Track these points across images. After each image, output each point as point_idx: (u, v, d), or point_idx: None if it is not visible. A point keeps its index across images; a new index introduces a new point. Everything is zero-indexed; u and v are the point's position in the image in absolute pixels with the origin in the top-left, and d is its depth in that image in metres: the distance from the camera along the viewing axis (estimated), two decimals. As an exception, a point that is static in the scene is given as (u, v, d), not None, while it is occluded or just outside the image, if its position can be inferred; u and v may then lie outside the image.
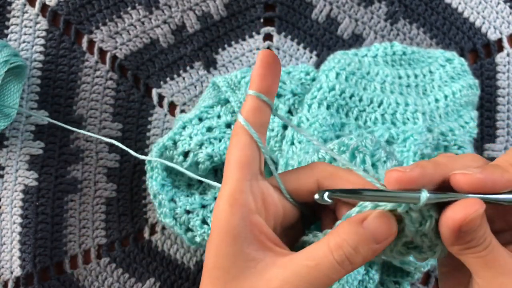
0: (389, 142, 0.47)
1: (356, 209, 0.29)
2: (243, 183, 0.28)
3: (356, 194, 0.27)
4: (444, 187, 0.27)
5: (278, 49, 0.59)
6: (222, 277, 0.27)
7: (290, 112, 0.50)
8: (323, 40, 0.59)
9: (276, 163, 0.49)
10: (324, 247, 0.27)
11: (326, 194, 0.28)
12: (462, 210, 0.25)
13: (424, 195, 0.26)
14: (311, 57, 0.59)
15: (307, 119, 0.47)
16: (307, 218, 0.34)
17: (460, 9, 0.60)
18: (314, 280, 0.27)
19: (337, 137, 0.48)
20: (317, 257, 0.27)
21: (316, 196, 0.28)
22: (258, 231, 0.28)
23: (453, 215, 0.25)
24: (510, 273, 0.26)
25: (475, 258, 0.27)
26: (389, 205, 0.27)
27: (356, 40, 0.59)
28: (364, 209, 0.28)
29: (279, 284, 0.27)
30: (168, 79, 0.58)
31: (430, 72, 0.53)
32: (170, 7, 0.58)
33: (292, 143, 0.47)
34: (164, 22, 0.58)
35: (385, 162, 0.31)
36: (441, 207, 0.27)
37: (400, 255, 0.30)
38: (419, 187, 0.26)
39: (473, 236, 0.26)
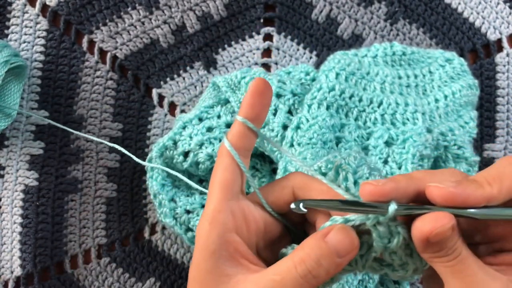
0: (388, 143, 0.48)
1: (328, 223, 0.29)
2: (223, 203, 0.30)
3: (328, 203, 0.29)
4: (420, 201, 0.28)
5: (278, 49, 0.59)
6: None
7: (290, 112, 0.50)
8: (323, 40, 0.59)
9: (275, 163, 0.49)
10: (289, 261, 0.28)
11: (301, 204, 0.30)
12: (430, 223, 0.26)
13: (392, 207, 0.27)
14: (311, 57, 0.59)
15: (307, 120, 0.47)
16: (296, 233, 0.35)
17: (460, 9, 0.60)
18: None
19: (337, 138, 0.48)
20: (282, 271, 0.28)
21: (292, 206, 0.30)
22: (233, 249, 0.30)
23: (421, 227, 0.26)
24: (478, 284, 0.27)
25: (444, 267, 0.27)
26: (358, 220, 0.28)
27: (356, 40, 0.59)
28: (335, 223, 0.29)
29: None
30: (168, 79, 0.58)
31: (430, 72, 0.53)
32: (170, 7, 0.58)
33: (292, 145, 0.47)
34: (164, 22, 0.58)
35: (367, 178, 0.32)
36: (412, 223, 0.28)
37: (374, 271, 0.30)
38: (391, 200, 0.27)
39: (442, 247, 0.27)
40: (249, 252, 0.31)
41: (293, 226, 0.34)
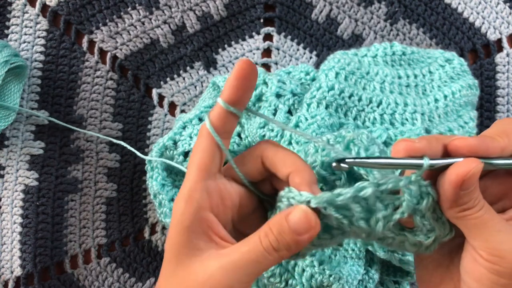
0: (386, 143, 0.48)
1: (365, 184, 0.30)
2: (199, 183, 0.32)
3: (368, 161, 0.30)
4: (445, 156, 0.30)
5: (278, 49, 0.59)
6: (174, 260, 0.32)
7: (290, 112, 0.50)
8: (323, 40, 0.59)
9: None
10: (256, 235, 0.30)
11: (342, 164, 0.31)
12: (465, 166, 0.28)
13: (427, 160, 0.29)
14: (311, 57, 0.59)
15: (306, 119, 0.47)
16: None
17: (459, 9, 0.60)
18: (244, 265, 0.30)
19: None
20: (249, 243, 0.30)
21: (334, 164, 0.31)
22: (206, 226, 0.31)
23: (456, 170, 0.28)
24: (505, 230, 0.29)
25: (472, 219, 0.29)
26: (390, 183, 0.29)
27: (356, 40, 0.59)
28: (372, 187, 0.30)
29: (215, 270, 0.30)
30: (168, 79, 0.58)
31: (430, 72, 0.53)
32: (170, 7, 0.58)
33: (290, 143, 0.47)
34: (164, 22, 0.58)
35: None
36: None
37: (392, 234, 0.31)
38: (423, 155, 0.29)
39: (471, 196, 0.29)
40: (222, 229, 0.32)
41: (267, 196, 0.36)
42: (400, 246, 0.32)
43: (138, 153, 0.53)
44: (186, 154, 0.49)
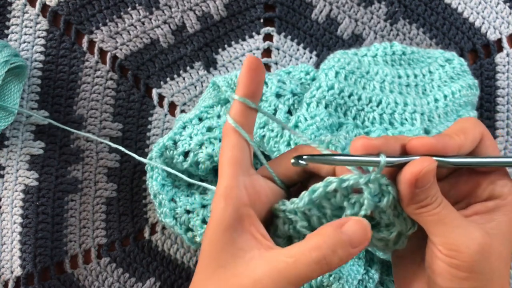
0: None
1: (321, 183, 0.31)
2: (235, 179, 0.31)
3: (325, 158, 0.31)
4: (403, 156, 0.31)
5: (278, 49, 0.59)
6: (214, 262, 0.30)
7: (289, 112, 0.50)
8: (323, 40, 0.59)
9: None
10: (303, 246, 0.30)
11: (301, 160, 0.32)
12: (418, 165, 0.29)
13: (383, 158, 0.30)
14: (311, 57, 0.59)
15: (305, 119, 0.47)
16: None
17: (459, 9, 0.60)
18: (291, 276, 0.29)
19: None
20: (296, 254, 0.29)
21: (292, 161, 0.32)
22: (248, 223, 0.31)
23: (410, 169, 0.29)
24: (462, 225, 0.30)
25: (430, 216, 0.30)
26: (352, 179, 0.30)
27: (356, 40, 0.59)
28: (329, 184, 0.31)
29: (260, 276, 0.29)
30: (168, 79, 0.58)
31: (430, 72, 0.53)
32: (170, 7, 0.58)
33: (289, 144, 0.47)
34: (164, 22, 0.58)
35: None
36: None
37: None
38: (380, 152, 0.30)
39: (427, 194, 0.30)
40: (261, 226, 0.32)
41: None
42: (371, 244, 0.33)
43: (137, 157, 0.52)
44: (186, 154, 0.49)
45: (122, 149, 0.54)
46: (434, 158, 0.30)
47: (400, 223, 0.32)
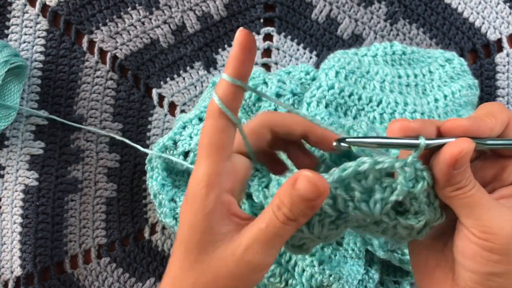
0: None
1: (353, 163, 0.31)
2: (220, 166, 0.31)
3: (368, 141, 0.31)
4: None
5: (278, 49, 0.59)
6: (194, 249, 0.31)
7: (289, 112, 0.50)
8: (323, 40, 0.59)
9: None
10: (269, 209, 0.30)
11: (342, 144, 0.32)
12: (458, 146, 0.29)
13: (423, 140, 0.29)
14: (311, 57, 0.59)
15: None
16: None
17: (460, 9, 0.60)
18: (268, 240, 0.30)
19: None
20: (265, 219, 0.30)
21: (334, 144, 0.32)
22: (226, 209, 0.31)
23: (450, 150, 0.29)
24: (495, 207, 0.30)
25: (465, 198, 0.30)
26: (387, 162, 0.30)
27: (356, 40, 0.59)
28: (361, 165, 0.30)
29: (242, 251, 0.30)
30: (168, 79, 0.58)
31: (430, 72, 0.53)
32: (170, 7, 0.58)
33: None
34: (164, 22, 0.58)
35: None
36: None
37: (387, 218, 0.31)
38: (419, 135, 0.30)
39: (463, 175, 0.29)
40: (239, 210, 0.32)
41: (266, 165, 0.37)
42: (393, 232, 0.33)
43: (139, 147, 0.53)
44: (186, 154, 0.49)
45: (127, 141, 0.54)
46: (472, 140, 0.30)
47: (430, 212, 0.31)
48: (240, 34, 0.31)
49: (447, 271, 0.33)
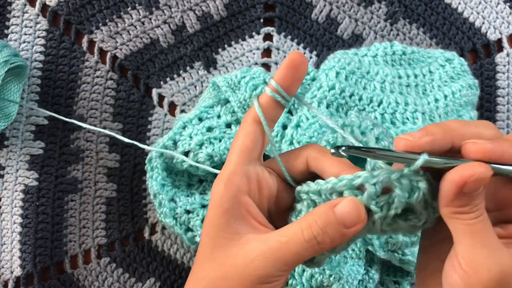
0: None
1: (350, 176, 0.30)
2: (239, 167, 0.32)
3: (367, 151, 0.30)
4: (453, 151, 0.29)
5: (278, 49, 0.59)
6: (211, 244, 0.32)
7: (290, 112, 0.50)
8: (323, 40, 0.59)
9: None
10: (297, 225, 0.30)
11: (341, 149, 0.30)
12: (471, 169, 0.26)
13: (423, 158, 0.28)
14: (311, 57, 0.59)
15: (307, 118, 0.47)
16: None
17: (460, 9, 0.60)
18: (284, 255, 0.30)
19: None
20: (288, 234, 0.30)
21: (332, 150, 0.30)
22: (245, 209, 0.32)
23: (461, 171, 0.27)
24: (492, 247, 0.27)
25: (463, 225, 0.28)
26: (382, 175, 0.29)
27: (356, 40, 0.59)
28: (356, 179, 0.29)
29: (255, 256, 0.30)
30: (168, 79, 0.58)
31: (430, 72, 0.53)
32: (170, 7, 0.58)
33: (291, 143, 0.47)
34: (164, 22, 0.58)
35: (372, 129, 0.33)
36: (435, 179, 0.29)
37: (389, 227, 0.31)
38: (424, 151, 0.28)
39: (470, 201, 0.27)
40: (260, 214, 0.32)
41: None
42: (396, 230, 0.32)
43: (140, 145, 0.52)
44: (186, 154, 0.49)
45: (127, 140, 0.54)
46: (491, 165, 0.27)
47: (429, 212, 0.30)
48: (291, 53, 0.32)
49: (440, 282, 0.31)
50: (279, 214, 0.35)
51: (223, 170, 0.32)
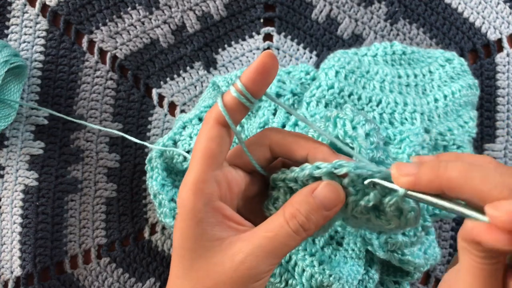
0: (385, 142, 0.48)
1: (328, 165, 0.30)
2: (207, 174, 0.30)
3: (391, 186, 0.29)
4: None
5: (278, 49, 0.59)
6: (189, 256, 0.30)
7: (289, 112, 0.50)
8: (323, 40, 0.59)
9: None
10: (280, 218, 0.30)
11: (366, 181, 0.30)
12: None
13: (402, 191, 0.28)
14: (311, 57, 0.59)
15: (305, 117, 0.47)
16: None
17: (460, 9, 0.60)
18: (274, 249, 0.30)
19: (336, 136, 0.48)
20: (275, 228, 0.30)
21: (366, 182, 0.30)
22: (221, 215, 0.31)
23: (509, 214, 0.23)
24: None
25: (475, 262, 0.26)
26: (344, 170, 0.29)
27: (356, 40, 0.59)
28: (339, 167, 0.30)
29: (243, 257, 0.29)
30: (168, 79, 0.58)
31: (430, 72, 0.53)
32: (170, 7, 0.58)
33: None
34: (164, 22, 0.58)
35: (363, 124, 0.34)
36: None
37: (361, 215, 0.31)
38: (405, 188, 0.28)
39: (492, 252, 0.25)
40: (235, 214, 0.32)
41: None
42: (367, 224, 0.32)
43: (140, 141, 0.52)
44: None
45: (127, 136, 0.54)
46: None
47: (401, 222, 0.30)
48: (262, 54, 0.30)
49: None
50: (245, 204, 0.34)
51: (188, 176, 0.30)
